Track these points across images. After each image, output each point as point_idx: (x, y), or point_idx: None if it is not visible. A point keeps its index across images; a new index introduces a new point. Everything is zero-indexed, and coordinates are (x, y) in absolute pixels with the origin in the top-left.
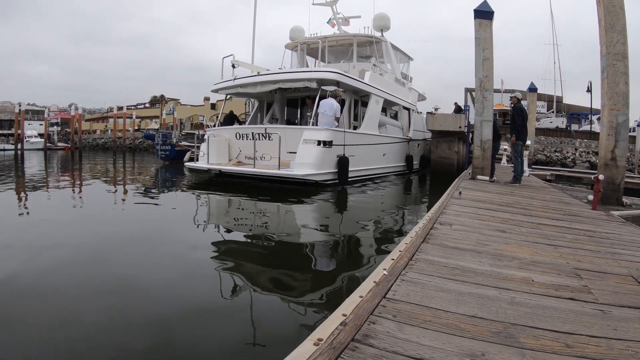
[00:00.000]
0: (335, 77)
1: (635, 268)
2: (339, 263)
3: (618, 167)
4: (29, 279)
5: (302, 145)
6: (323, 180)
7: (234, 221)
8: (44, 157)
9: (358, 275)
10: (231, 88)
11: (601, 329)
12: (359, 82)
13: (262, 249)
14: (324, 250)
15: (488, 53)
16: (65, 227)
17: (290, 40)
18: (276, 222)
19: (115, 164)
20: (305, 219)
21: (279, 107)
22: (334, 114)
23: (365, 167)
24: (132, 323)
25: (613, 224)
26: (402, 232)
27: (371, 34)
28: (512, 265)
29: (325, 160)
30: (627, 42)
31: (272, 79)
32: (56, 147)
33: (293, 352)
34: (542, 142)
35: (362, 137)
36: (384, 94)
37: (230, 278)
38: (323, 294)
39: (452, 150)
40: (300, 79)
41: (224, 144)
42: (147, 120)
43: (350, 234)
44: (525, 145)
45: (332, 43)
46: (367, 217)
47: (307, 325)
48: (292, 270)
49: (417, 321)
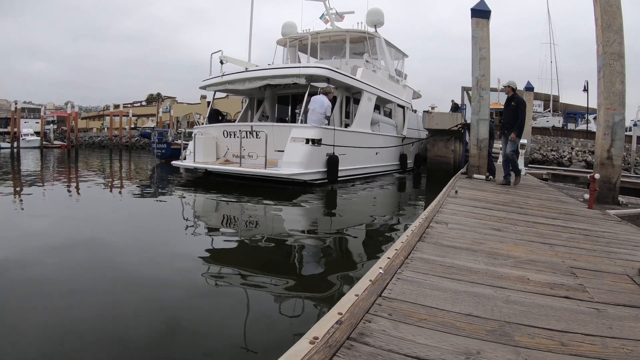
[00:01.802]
0: (325, 72)
1: (630, 267)
2: (334, 262)
3: (614, 166)
4: (23, 273)
5: (289, 143)
6: (311, 179)
7: (223, 222)
8: (40, 155)
9: (354, 274)
10: (219, 85)
11: (596, 328)
12: (351, 78)
13: (256, 249)
14: (319, 250)
15: (485, 52)
16: (57, 225)
17: (282, 36)
18: (270, 222)
19: (111, 162)
20: (300, 219)
21: (269, 105)
22: (324, 112)
23: (357, 166)
24: (126, 323)
25: (609, 223)
26: (398, 230)
27: (364, 30)
28: (507, 263)
29: (314, 159)
30: (623, 41)
31: (260, 75)
32: (52, 145)
33: (289, 351)
34: (538, 141)
35: (353, 135)
36: (377, 91)
37: (224, 278)
38: (319, 292)
39: (448, 149)
40: (289, 75)
41: (211, 142)
42: (144, 119)
43: (345, 233)
44: (522, 144)
45: (325, 39)
46: (361, 216)
47: (302, 324)
48: (288, 269)
49: (412, 320)
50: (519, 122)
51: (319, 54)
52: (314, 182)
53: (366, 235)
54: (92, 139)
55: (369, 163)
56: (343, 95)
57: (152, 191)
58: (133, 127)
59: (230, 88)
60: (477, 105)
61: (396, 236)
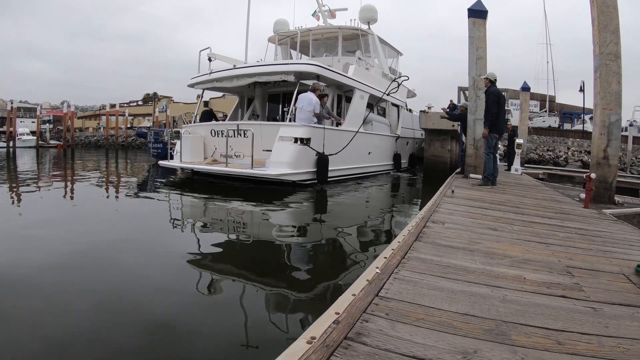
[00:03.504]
0: (314, 69)
1: (626, 266)
2: (331, 262)
3: (610, 166)
4: (17, 277)
5: (277, 142)
6: (300, 180)
7: (213, 222)
8: (36, 155)
9: (351, 273)
10: (207, 82)
11: (592, 327)
12: (342, 75)
13: (252, 250)
14: (316, 250)
15: (482, 52)
16: (51, 226)
17: (274, 34)
18: (263, 223)
19: (107, 161)
20: (294, 219)
21: (260, 104)
22: (313, 109)
23: (348, 166)
24: (123, 323)
25: (605, 222)
26: (394, 230)
27: (357, 27)
28: (503, 263)
29: (303, 159)
30: (620, 42)
31: (248, 73)
32: (48, 144)
33: (286, 351)
34: (534, 141)
35: (344, 134)
36: (369, 89)
37: (221, 278)
38: (316, 292)
39: (445, 148)
40: (277, 72)
41: (199, 141)
42: (140, 118)
43: (342, 233)
44: (519, 144)
45: (317, 36)
46: (357, 216)
47: (300, 324)
48: (284, 269)
49: (409, 319)
50: (485, 115)
51: (311, 51)
52: (303, 183)
53: (363, 235)
54: (88, 139)
55: (361, 163)
56: (335, 93)
57: (144, 191)
58: (129, 126)
59: (218, 86)
60: (474, 105)
61: (393, 236)
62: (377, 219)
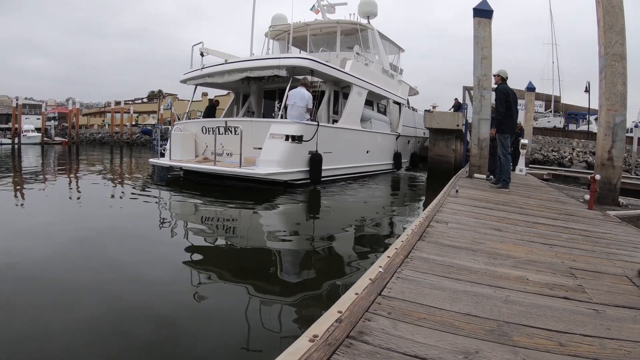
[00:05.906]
0: (308, 64)
1: (630, 268)
2: (334, 261)
3: (615, 168)
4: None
5: (268, 140)
6: (292, 179)
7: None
8: (41, 152)
9: (354, 272)
10: (199, 78)
11: (595, 329)
12: (338, 71)
13: (252, 251)
14: (319, 249)
15: (487, 52)
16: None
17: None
18: (262, 224)
19: (112, 159)
20: (296, 219)
21: (255, 100)
22: (305, 105)
23: (345, 164)
24: (127, 323)
25: (609, 224)
26: (398, 229)
27: (356, 21)
28: (507, 263)
29: (294, 157)
30: (625, 42)
31: (239, 67)
32: (53, 141)
33: (288, 349)
34: (539, 142)
35: (340, 131)
36: (368, 85)
37: (225, 277)
38: (319, 291)
39: (449, 148)
40: (269, 67)
41: (190, 139)
42: (145, 115)
43: (345, 232)
44: (523, 144)
45: (315, 31)
46: (357, 216)
47: (302, 322)
48: (288, 268)
49: (411, 318)
50: (494, 115)
51: (309, 46)
52: (294, 183)
53: (366, 234)
54: (93, 136)
55: (358, 162)
56: (331, 89)
57: (147, 190)
58: (134, 124)
59: (210, 81)
60: (479, 104)
61: (396, 235)
62: (381, 219)
